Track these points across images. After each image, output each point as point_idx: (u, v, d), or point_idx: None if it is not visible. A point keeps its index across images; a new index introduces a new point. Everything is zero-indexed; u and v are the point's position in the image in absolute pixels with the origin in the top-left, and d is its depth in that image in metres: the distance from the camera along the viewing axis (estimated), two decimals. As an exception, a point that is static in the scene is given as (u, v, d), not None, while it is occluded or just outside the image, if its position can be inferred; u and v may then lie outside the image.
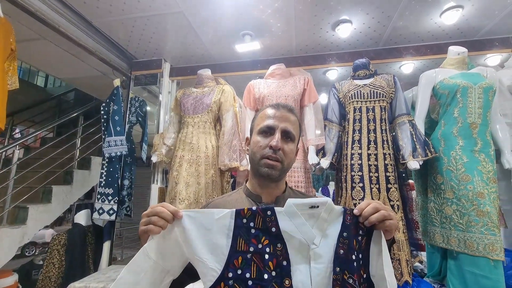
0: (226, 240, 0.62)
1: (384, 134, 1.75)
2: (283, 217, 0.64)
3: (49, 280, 1.80)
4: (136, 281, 0.61)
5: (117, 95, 2.09)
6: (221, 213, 0.64)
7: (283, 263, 0.61)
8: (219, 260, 0.61)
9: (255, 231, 0.63)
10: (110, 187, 2.01)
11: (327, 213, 0.65)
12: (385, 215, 0.63)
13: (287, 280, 0.60)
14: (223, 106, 2.02)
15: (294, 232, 0.63)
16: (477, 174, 1.56)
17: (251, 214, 0.64)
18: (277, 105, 0.84)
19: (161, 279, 0.65)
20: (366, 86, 1.82)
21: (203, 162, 1.93)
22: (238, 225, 0.63)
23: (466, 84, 1.66)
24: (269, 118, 0.81)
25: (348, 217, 0.65)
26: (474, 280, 1.48)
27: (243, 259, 0.61)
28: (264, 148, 0.78)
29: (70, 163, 3.41)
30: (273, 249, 0.62)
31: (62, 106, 4.97)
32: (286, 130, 0.80)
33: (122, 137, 2.04)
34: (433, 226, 1.72)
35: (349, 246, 0.62)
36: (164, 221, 0.62)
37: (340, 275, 0.60)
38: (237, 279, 0.59)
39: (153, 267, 0.62)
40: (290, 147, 0.80)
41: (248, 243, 0.62)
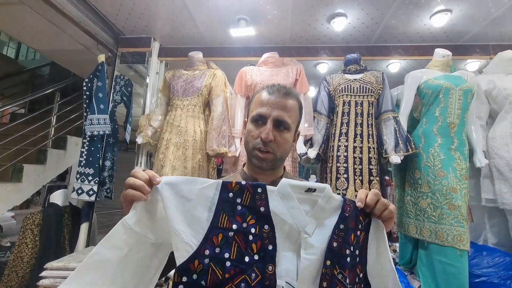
0: (207, 213, 0.56)
1: (370, 128, 1.81)
2: (275, 197, 0.58)
3: (21, 261, 1.71)
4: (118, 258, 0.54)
5: (101, 71, 1.98)
6: (206, 182, 0.58)
7: (268, 247, 0.55)
8: (196, 234, 0.54)
9: (242, 208, 0.57)
10: (91, 167, 1.93)
11: (324, 201, 0.60)
12: (386, 203, 0.61)
13: (270, 266, 0.54)
14: (213, 91, 1.99)
15: (284, 215, 0.58)
16: (452, 170, 1.67)
17: (239, 189, 0.58)
18: (272, 88, 0.79)
19: (154, 253, 0.59)
20: (356, 81, 1.87)
21: (190, 146, 1.90)
22: (223, 199, 0.57)
23: (449, 86, 1.75)
24: (262, 105, 0.76)
25: (347, 208, 0.60)
26: (442, 268, 1.61)
27: (223, 236, 0.55)
28: (255, 139, 0.75)
29: (44, 142, 3.23)
30: (259, 230, 0.56)
31: (36, 81, 4.64)
32: (279, 120, 0.74)
33: (106, 116, 1.95)
34: (408, 218, 1.83)
35: (344, 240, 0.58)
36: (143, 184, 0.56)
37: (330, 269, 0.56)
38: (214, 258, 0.53)
39: (140, 242, 0.56)
40: (284, 137, 0.76)
41: (232, 220, 0.56)
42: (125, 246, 0.55)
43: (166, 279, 1.26)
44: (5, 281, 1.66)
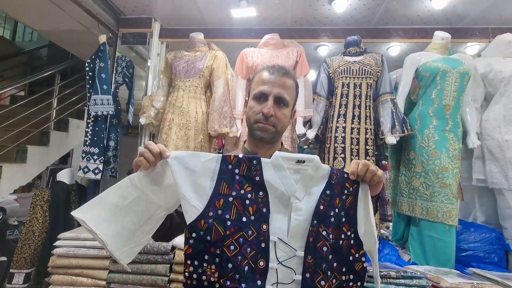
0: (210, 182, 0.66)
1: (368, 110, 1.86)
2: (268, 167, 0.67)
3: (33, 234, 1.80)
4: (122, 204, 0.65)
5: (103, 51, 2.00)
6: (208, 156, 0.67)
7: (262, 210, 0.65)
8: (201, 199, 0.65)
9: (239, 178, 0.66)
10: (96, 147, 1.99)
11: (313, 170, 0.68)
12: (374, 171, 0.69)
13: (264, 225, 0.64)
14: (215, 72, 2.02)
15: (277, 183, 0.66)
16: (445, 151, 1.73)
17: (237, 161, 0.67)
18: (272, 68, 0.86)
19: (153, 212, 0.69)
20: (356, 63, 1.89)
21: (192, 126, 1.95)
22: (223, 170, 0.66)
23: (446, 68, 1.79)
24: (264, 83, 0.83)
25: (334, 176, 0.68)
26: (431, 242, 1.71)
27: (224, 201, 0.65)
28: (257, 114, 0.83)
29: (46, 124, 3.27)
30: (254, 196, 0.65)
31: (34, 62, 4.60)
32: (279, 97, 0.82)
33: (109, 96, 1.99)
34: (401, 196, 1.91)
35: (329, 203, 0.66)
36: (151, 156, 0.66)
37: (316, 227, 0.65)
38: (217, 219, 0.63)
39: (141, 197, 0.67)
40: (283, 112, 0.83)
41: (231, 187, 0.65)
42: (129, 197, 0.66)
43: (172, 248, 1.35)
44: (19, 253, 1.76)
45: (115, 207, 0.65)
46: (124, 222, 0.65)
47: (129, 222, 0.66)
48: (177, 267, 1.31)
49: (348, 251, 0.67)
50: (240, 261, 0.62)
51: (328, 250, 0.65)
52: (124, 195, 0.66)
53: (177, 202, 0.72)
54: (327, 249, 0.65)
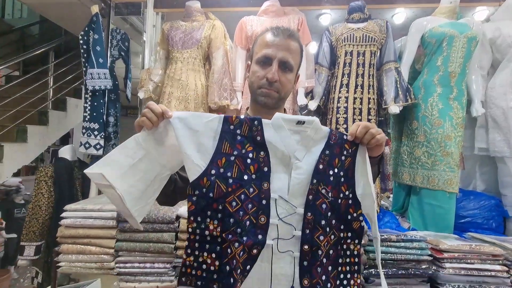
0: (212, 141, 0.67)
1: (371, 79, 1.82)
2: (269, 128, 0.68)
3: (40, 209, 1.83)
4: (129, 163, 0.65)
5: (97, 23, 1.92)
6: (210, 117, 0.68)
7: (264, 169, 0.66)
8: (204, 158, 0.66)
9: (241, 138, 0.67)
10: (95, 122, 1.96)
11: (313, 132, 0.69)
12: (373, 133, 0.69)
13: (265, 183, 0.65)
14: (213, 43, 1.95)
15: (277, 143, 0.67)
16: (448, 119, 1.71)
17: (239, 122, 0.68)
18: (277, 29, 0.81)
19: (158, 171, 0.70)
20: (360, 29, 1.82)
21: (192, 100, 1.91)
22: (225, 130, 0.67)
23: (453, 33, 1.72)
24: (267, 46, 0.79)
25: (333, 137, 0.70)
26: (431, 210, 1.74)
27: (226, 160, 0.66)
28: (261, 79, 0.80)
29: (44, 103, 3.23)
30: (256, 155, 0.66)
31: (26, 41, 4.45)
32: (284, 61, 0.78)
33: (106, 70, 1.94)
34: (403, 167, 1.92)
35: (329, 163, 0.68)
36: (154, 116, 0.66)
37: (316, 186, 0.66)
38: (219, 176, 0.65)
39: (147, 157, 0.68)
40: (288, 77, 0.80)
41: (233, 147, 0.66)
42: (135, 156, 0.67)
43: (177, 218, 1.37)
44: (27, 227, 1.80)
45: (124, 166, 0.65)
46: (133, 181, 0.66)
47: (137, 181, 0.67)
48: (182, 235, 1.34)
49: (346, 210, 0.69)
50: (242, 217, 0.63)
51: (327, 207, 0.67)
52: (130, 154, 0.66)
53: (180, 163, 0.72)
54: (326, 206, 0.66)
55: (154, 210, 1.37)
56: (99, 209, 1.38)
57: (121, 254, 1.34)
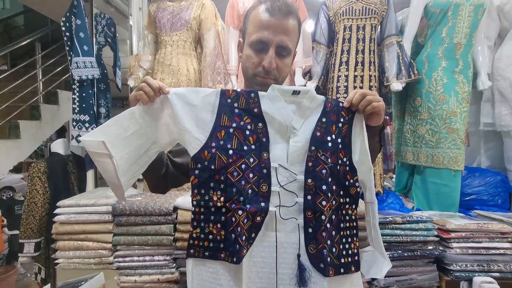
0: (210, 115, 0.68)
1: (372, 55, 1.72)
2: (266, 100, 0.68)
3: (36, 205, 1.79)
4: (122, 135, 0.66)
5: (78, 7, 1.79)
6: (207, 91, 0.69)
7: (262, 139, 0.67)
8: (203, 132, 0.67)
9: (238, 111, 0.68)
10: (86, 114, 1.88)
11: (309, 101, 0.69)
12: (370, 100, 0.67)
13: (265, 153, 0.66)
14: (203, 24, 1.84)
15: (274, 113, 0.68)
16: (453, 94, 1.64)
17: (236, 95, 0.69)
18: (272, 6, 0.71)
19: (148, 147, 0.71)
20: (359, 1, 1.70)
21: (185, 86, 1.82)
22: (222, 104, 0.68)
23: (459, 1, 1.61)
24: (263, 28, 0.71)
25: (328, 104, 0.70)
26: (435, 189, 1.70)
27: (225, 132, 0.67)
28: (257, 67, 0.74)
29: (34, 97, 3.14)
30: (254, 127, 0.67)
31: (12, 32, 4.28)
32: (281, 45, 0.72)
33: (92, 58, 1.83)
34: (406, 146, 1.86)
35: (326, 130, 0.68)
36: (151, 90, 0.66)
37: (314, 152, 0.67)
38: (219, 148, 0.66)
39: (140, 131, 0.68)
40: (285, 62, 0.75)
41: (231, 120, 0.67)
42: (128, 129, 0.67)
43: (175, 209, 1.33)
44: (25, 224, 1.77)
45: (117, 137, 0.66)
46: (124, 153, 0.67)
47: (128, 154, 0.68)
48: (181, 226, 1.29)
49: (344, 176, 0.70)
50: (244, 185, 0.65)
51: (327, 173, 0.67)
52: (125, 127, 0.67)
53: (171, 141, 0.74)
54: (326, 171, 0.67)
55: (150, 202, 1.32)
56: (93, 204, 1.33)
57: (119, 249, 1.31)
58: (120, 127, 0.67)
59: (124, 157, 0.66)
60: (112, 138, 0.64)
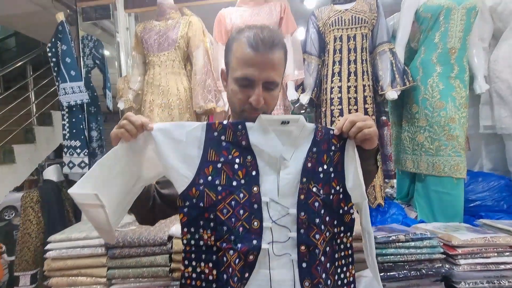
0: (197, 151, 0.66)
1: (365, 64, 1.68)
2: (254, 131, 0.66)
3: (30, 237, 1.75)
4: (109, 177, 0.65)
5: (63, 32, 1.76)
6: (193, 125, 0.67)
7: (252, 173, 0.65)
8: (190, 168, 0.65)
9: (226, 144, 0.66)
10: (76, 139, 1.85)
11: (299, 130, 0.67)
12: (360, 127, 0.65)
13: (255, 187, 0.64)
14: (191, 42, 1.80)
15: (263, 145, 0.65)
16: (451, 100, 1.59)
17: (222, 128, 0.66)
18: (256, 41, 0.64)
19: (133, 183, 0.69)
20: (348, 11, 1.67)
21: (176, 106, 1.79)
22: (209, 138, 0.66)
23: (450, 5, 1.57)
24: (248, 65, 0.65)
25: (319, 133, 0.68)
26: (438, 198, 1.64)
27: (213, 168, 0.65)
28: (244, 103, 0.69)
29: (28, 120, 3.11)
30: (243, 160, 0.65)
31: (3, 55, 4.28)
32: (268, 81, 0.67)
33: (80, 83, 1.80)
34: (405, 154, 1.81)
35: (317, 160, 0.67)
36: (133, 128, 0.64)
37: (306, 184, 0.65)
38: (207, 185, 0.64)
39: (125, 169, 0.67)
40: (273, 95, 0.71)
41: (219, 154, 0.65)
42: (113, 170, 0.65)
43: (169, 238, 1.28)
44: (19, 256, 1.73)
45: (103, 181, 0.64)
46: (111, 196, 0.65)
47: (114, 195, 0.66)
48: (176, 256, 1.25)
49: (338, 205, 0.68)
50: (234, 223, 0.62)
51: (320, 205, 0.66)
52: (110, 168, 0.66)
53: (156, 175, 0.73)
54: (319, 204, 0.66)
55: (144, 232, 1.28)
56: (85, 237, 1.29)
57: (114, 282, 1.27)
58: (105, 169, 0.65)
59: (111, 200, 0.64)
60: (100, 184, 0.63)
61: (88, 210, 0.63)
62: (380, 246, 1.19)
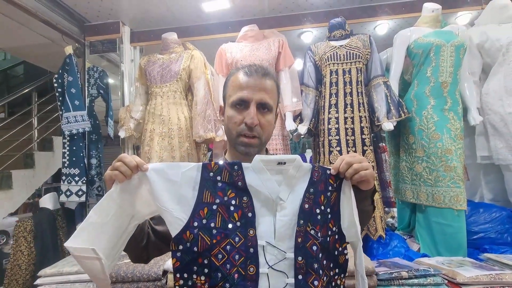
0: (192, 192, 0.64)
1: (360, 96, 1.74)
2: (250, 172, 0.65)
3: (19, 268, 1.69)
4: (104, 222, 0.63)
5: (70, 64, 1.84)
6: (188, 166, 0.66)
7: (248, 215, 0.63)
8: (185, 210, 0.63)
9: (222, 185, 0.65)
10: (76, 167, 1.85)
11: (295, 170, 0.66)
12: (357, 168, 0.65)
13: (251, 230, 0.62)
14: (193, 74, 1.87)
15: (260, 186, 0.65)
16: (446, 131, 1.62)
17: (218, 168, 0.66)
18: (249, 70, 0.75)
19: (127, 224, 0.68)
20: (342, 47, 1.76)
21: (176, 135, 1.82)
22: (204, 178, 0.65)
23: (439, 43, 1.66)
24: (242, 88, 0.74)
25: (315, 173, 0.67)
26: (440, 229, 1.61)
27: (208, 210, 0.63)
28: (239, 125, 0.74)
29: (29, 145, 3.12)
30: (239, 201, 0.64)
31: (11, 82, 4.40)
32: (262, 102, 0.73)
33: (83, 112, 1.85)
34: (404, 183, 1.81)
35: (314, 201, 0.66)
36: (128, 169, 0.63)
37: (303, 226, 0.64)
38: (202, 228, 0.62)
39: (119, 211, 0.65)
40: (267, 119, 0.75)
41: (214, 195, 0.64)
42: (109, 213, 0.64)
43: (164, 273, 1.24)
44: (7, 289, 1.66)
45: (100, 228, 0.63)
46: (106, 243, 0.63)
47: (109, 239, 0.64)
48: (171, 292, 1.20)
49: (333, 246, 0.67)
50: (229, 269, 0.61)
51: (318, 248, 0.64)
52: (106, 212, 0.64)
53: (150, 213, 0.71)
54: (317, 247, 0.64)
55: (138, 267, 1.24)
56: (76, 271, 1.25)
57: (105, 321, 1.20)
58: (101, 215, 0.63)
59: (106, 246, 0.63)
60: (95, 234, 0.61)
61: (84, 262, 0.62)
62: (383, 283, 1.15)
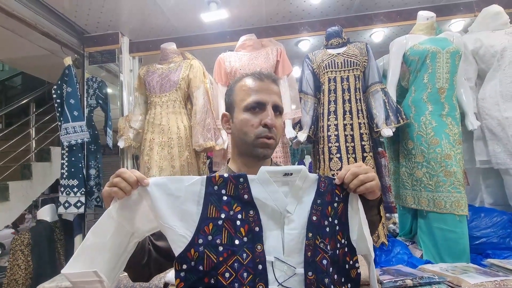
0: (196, 207, 0.61)
1: (359, 103, 1.75)
2: (256, 184, 0.63)
3: (16, 283, 1.65)
4: (102, 242, 0.60)
5: (69, 75, 1.84)
6: (192, 180, 0.63)
7: (255, 229, 0.61)
8: (189, 226, 0.60)
9: (227, 198, 0.62)
10: (74, 178, 1.84)
11: (301, 181, 0.65)
12: (362, 180, 0.64)
13: (259, 245, 0.60)
14: (192, 83, 1.88)
15: (266, 199, 0.62)
16: (444, 137, 1.63)
17: (223, 181, 0.63)
18: (259, 75, 0.76)
19: (127, 241, 0.65)
20: (340, 55, 1.78)
21: (175, 144, 1.81)
22: (209, 192, 0.62)
23: (435, 49, 1.68)
24: (256, 92, 0.74)
25: (322, 184, 0.66)
26: (442, 235, 1.61)
27: (214, 225, 0.60)
28: (257, 127, 0.72)
29: (27, 156, 3.10)
30: (245, 215, 0.61)
31: (8, 92, 4.40)
32: (276, 105, 0.74)
33: (82, 123, 1.84)
34: (405, 189, 1.81)
35: (322, 213, 0.63)
36: (127, 185, 0.60)
37: (312, 240, 0.61)
38: (207, 245, 0.59)
39: (118, 229, 0.62)
40: (280, 122, 0.76)
41: (220, 210, 0.61)
42: (108, 232, 0.61)
43: (165, 285, 1.22)
44: (3, 305, 1.62)
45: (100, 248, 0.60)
46: (106, 264, 0.60)
47: (109, 260, 0.61)
48: (172, 306, 1.18)
49: (344, 259, 0.65)
50: None
51: (328, 262, 0.61)
52: (104, 232, 0.61)
53: (150, 229, 0.67)
54: (327, 261, 0.61)
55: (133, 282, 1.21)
56: (76, 286, 1.22)
57: (104, 337, 1.17)
58: (100, 235, 0.60)
59: (107, 267, 0.59)
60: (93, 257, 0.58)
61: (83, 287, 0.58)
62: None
